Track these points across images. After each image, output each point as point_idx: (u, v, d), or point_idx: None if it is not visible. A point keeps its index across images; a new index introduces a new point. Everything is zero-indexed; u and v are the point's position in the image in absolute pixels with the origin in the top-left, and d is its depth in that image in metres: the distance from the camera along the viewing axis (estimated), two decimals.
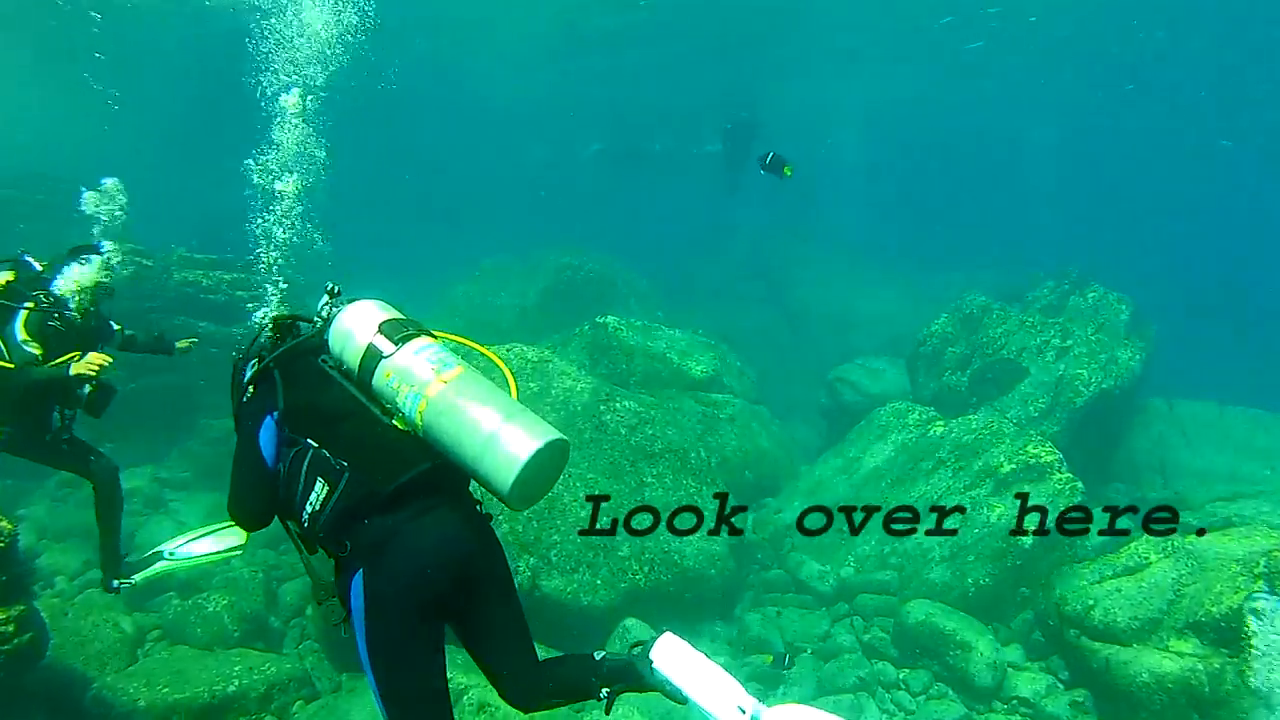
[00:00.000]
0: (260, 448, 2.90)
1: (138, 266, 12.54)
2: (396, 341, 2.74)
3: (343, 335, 2.87)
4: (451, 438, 2.57)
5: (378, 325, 2.81)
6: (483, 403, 2.57)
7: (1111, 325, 14.12)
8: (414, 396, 2.62)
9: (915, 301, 21.05)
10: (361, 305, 2.96)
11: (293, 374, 2.94)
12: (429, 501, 2.64)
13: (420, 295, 20.33)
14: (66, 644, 7.24)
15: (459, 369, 2.68)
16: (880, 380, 15.14)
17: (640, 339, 12.72)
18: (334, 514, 2.64)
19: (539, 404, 9.14)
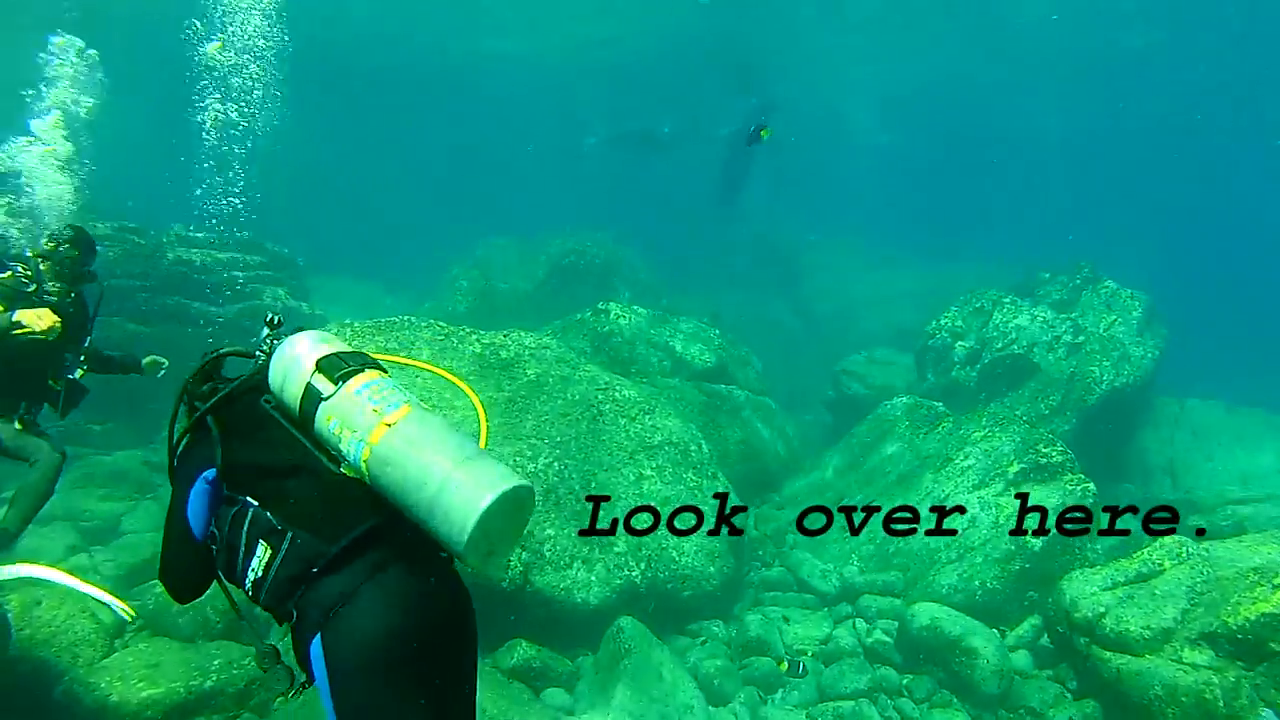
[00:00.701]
0: (188, 519, 2.63)
1: (129, 244, 12.29)
2: (335, 380, 2.43)
3: (280, 375, 2.56)
4: (398, 489, 2.27)
5: (315, 362, 2.49)
6: (431, 448, 2.25)
7: (1124, 322, 13.81)
8: (357, 444, 2.33)
9: (924, 293, 20.71)
10: (299, 340, 2.62)
11: (231, 422, 2.64)
12: (386, 556, 2.32)
13: (421, 280, 20.10)
14: (37, 635, 6.94)
15: (404, 409, 2.35)
16: (887, 373, 14.87)
17: (643, 327, 12.44)
18: (278, 581, 2.35)
19: (535, 392, 8.88)
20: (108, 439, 11.52)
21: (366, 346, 8.82)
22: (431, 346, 9.04)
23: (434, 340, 9.11)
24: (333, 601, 2.26)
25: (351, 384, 2.41)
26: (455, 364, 8.95)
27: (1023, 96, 30.55)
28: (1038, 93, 30.20)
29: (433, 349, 9.03)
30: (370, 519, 2.33)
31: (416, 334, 9.11)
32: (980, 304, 13.86)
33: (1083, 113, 32.22)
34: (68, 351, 5.90)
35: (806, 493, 11.06)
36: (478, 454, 2.28)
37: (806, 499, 10.90)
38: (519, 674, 7.14)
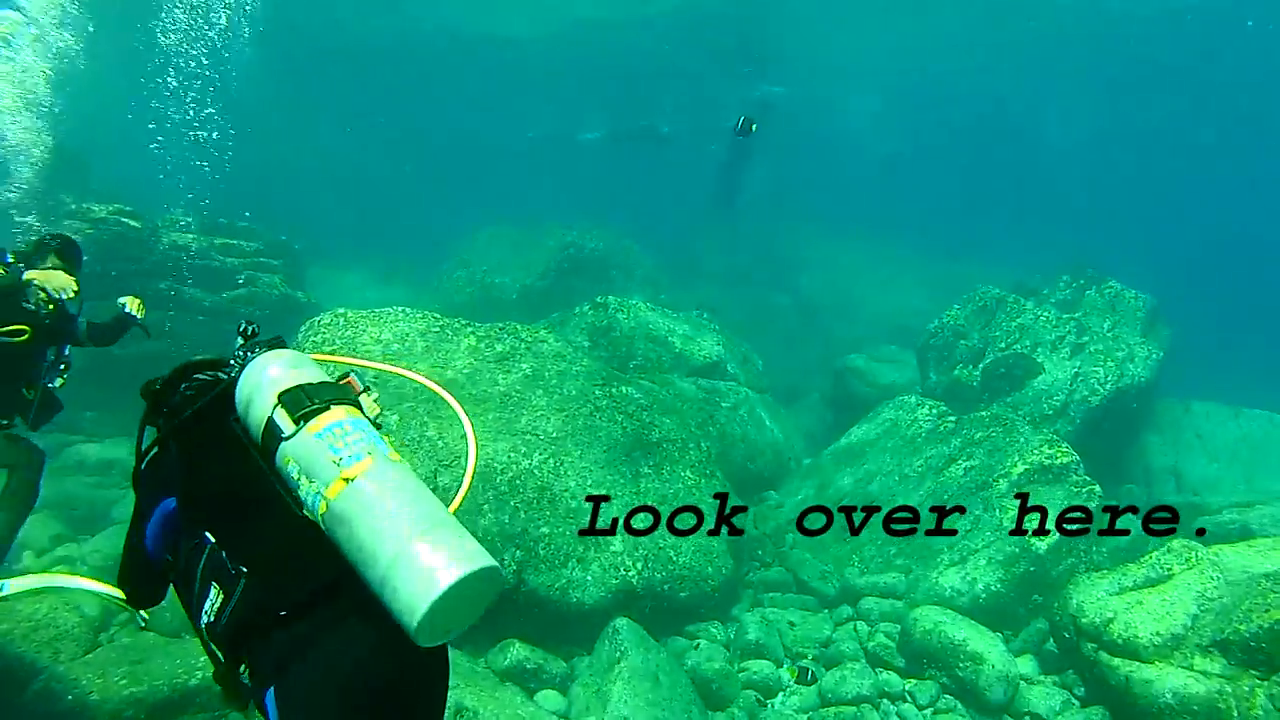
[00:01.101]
0: (147, 542, 2.51)
1: (124, 228, 12.08)
2: (296, 419, 2.22)
3: (245, 399, 2.38)
4: (352, 553, 2.07)
5: (277, 395, 2.29)
6: (390, 515, 2.04)
7: (1128, 322, 13.67)
8: (314, 496, 2.13)
9: (926, 291, 20.61)
10: (267, 363, 2.42)
11: (194, 444, 2.46)
12: (345, 607, 2.11)
13: (420, 269, 19.90)
14: (15, 630, 6.75)
15: (367, 462, 2.14)
16: (889, 371, 14.71)
17: (642, 321, 12.26)
18: (230, 626, 2.16)
19: (530, 387, 8.69)
20: (98, 425, 11.35)
21: (360, 336, 8.64)
22: (425, 338, 8.85)
23: (428, 332, 8.92)
24: (286, 654, 2.08)
25: (314, 425, 2.20)
26: (450, 357, 8.76)
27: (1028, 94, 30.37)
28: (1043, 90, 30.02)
29: (427, 341, 8.84)
30: (330, 571, 2.12)
31: (410, 324, 8.92)
32: (984, 302, 13.68)
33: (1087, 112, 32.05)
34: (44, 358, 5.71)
35: (806, 491, 10.89)
36: (441, 525, 2.05)
37: (806, 497, 10.74)
38: (512, 675, 6.97)
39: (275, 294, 12.88)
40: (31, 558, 9.06)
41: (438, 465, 7.46)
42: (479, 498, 7.40)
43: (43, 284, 5.39)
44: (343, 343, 8.47)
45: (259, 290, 12.79)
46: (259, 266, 13.19)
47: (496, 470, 7.63)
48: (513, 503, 7.55)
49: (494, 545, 7.22)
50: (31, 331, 5.36)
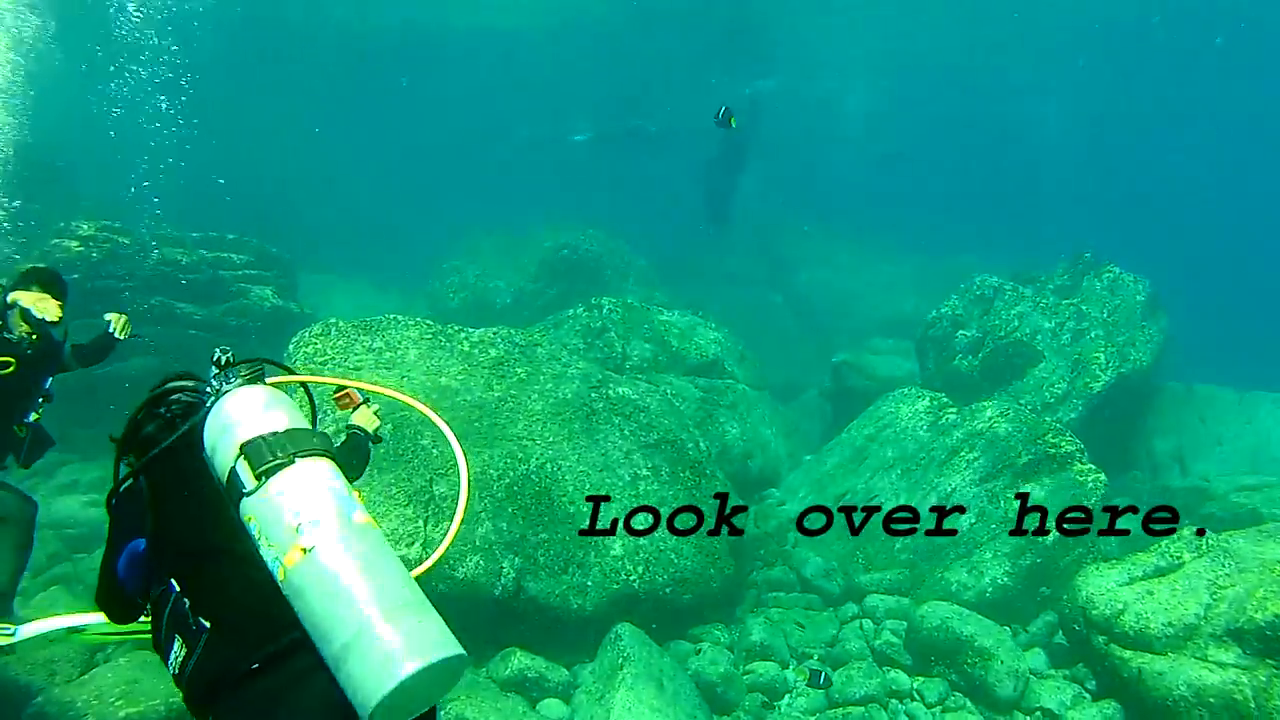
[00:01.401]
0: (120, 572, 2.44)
1: (113, 245, 11.99)
2: (258, 474, 2.09)
3: (212, 440, 2.27)
4: (309, 627, 1.96)
5: (240, 446, 2.16)
6: (347, 593, 1.91)
7: (1128, 307, 13.53)
8: (273, 560, 2.02)
9: (921, 283, 20.52)
10: (237, 403, 2.28)
11: (164, 485, 2.35)
12: (309, 664, 1.99)
13: (412, 277, 19.78)
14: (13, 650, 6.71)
15: (327, 529, 2.00)
16: (887, 364, 14.60)
17: (637, 322, 12.14)
18: (193, 681, 2.09)
19: (525, 391, 8.58)
20: (94, 444, 11.24)
21: (353, 347, 8.53)
22: (419, 346, 8.73)
23: (421, 339, 8.80)
24: (252, 712, 2.00)
25: (275, 482, 2.07)
26: (443, 364, 8.63)
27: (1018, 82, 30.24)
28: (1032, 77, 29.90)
29: (420, 348, 8.71)
30: (294, 630, 2.01)
31: (404, 333, 8.80)
32: (981, 291, 13.56)
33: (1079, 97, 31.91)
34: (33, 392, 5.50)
35: (808, 488, 10.77)
36: (402, 607, 1.93)
37: (808, 494, 10.63)
38: (514, 685, 6.86)
39: (267, 306, 12.75)
40: (28, 579, 8.93)
41: (433, 474, 7.35)
42: (476, 505, 7.28)
43: (27, 305, 5.19)
44: (335, 353, 8.35)
45: (251, 303, 12.67)
46: (250, 279, 13.06)
47: (493, 477, 7.52)
48: (510, 509, 7.44)
49: (492, 553, 7.11)
50: (16, 364, 5.18)
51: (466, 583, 6.89)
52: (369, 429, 3.66)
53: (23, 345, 5.24)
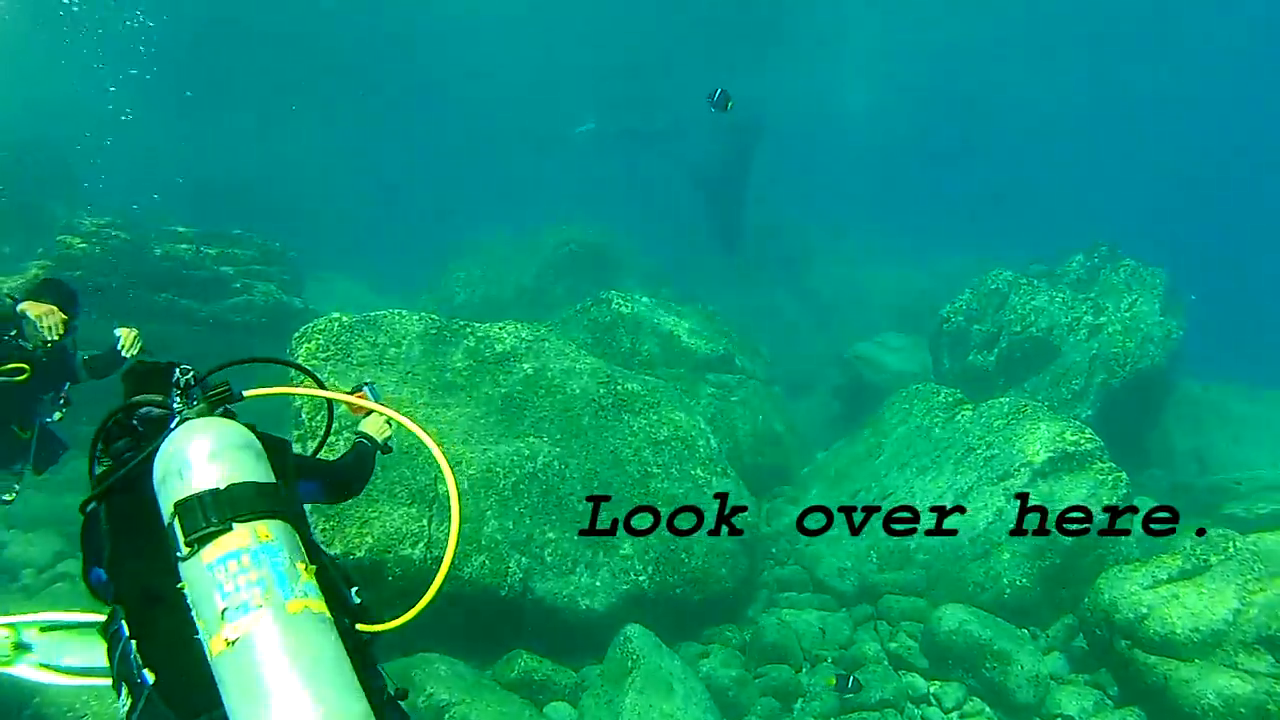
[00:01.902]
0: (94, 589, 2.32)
1: (116, 242, 11.86)
2: (189, 541, 1.92)
3: (158, 485, 2.11)
4: (229, 714, 1.82)
5: (174, 504, 1.99)
6: (268, 698, 1.77)
7: (1146, 301, 13.28)
8: (203, 636, 1.88)
9: (931, 277, 20.28)
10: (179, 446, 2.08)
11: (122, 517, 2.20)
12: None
13: (418, 274, 19.64)
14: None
15: (255, 617, 1.83)
16: (899, 359, 14.39)
17: (646, 316, 11.94)
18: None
19: (533, 387, 8.40)
20: None
21: (355, 342, 8.36)
22: (423, 341, 8.55)
23: (425, 335, 8.62)
24: None
25: (208, 553, 1.90)
26: (448, 359, 8.46)
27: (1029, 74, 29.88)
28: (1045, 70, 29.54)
29: (424, 343, 8.54)
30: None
31: (407, 327, 8.62)
32: (996, 285, 13.32)
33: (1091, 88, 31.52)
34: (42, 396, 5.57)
35: (820, 485, 10.59)
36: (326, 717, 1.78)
37: (820, 492, 10.44)
38: (520, 687, 6.70)
39: (271, 302, 12.60)
40: (32, 575, 8.85)
41: (438, 471, 7.17)
42: (482, 504, 7.11)
43: (34, 318, 5.20)
44: (337, 349, 8.18)
45: (255, 299, 12.52)
46: (254, 275, 12.91)
47: (499, 475, 7.34)
48: (517, 508, 7.27)
49: (498, 552, 6.94)
50: (31, 371, 5.26)
51: (472, 583, 6.72)
52: (378, 437, 3.43)
53: (38, 353, 5.31)
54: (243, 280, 12.68)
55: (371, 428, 3.43)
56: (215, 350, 11.99)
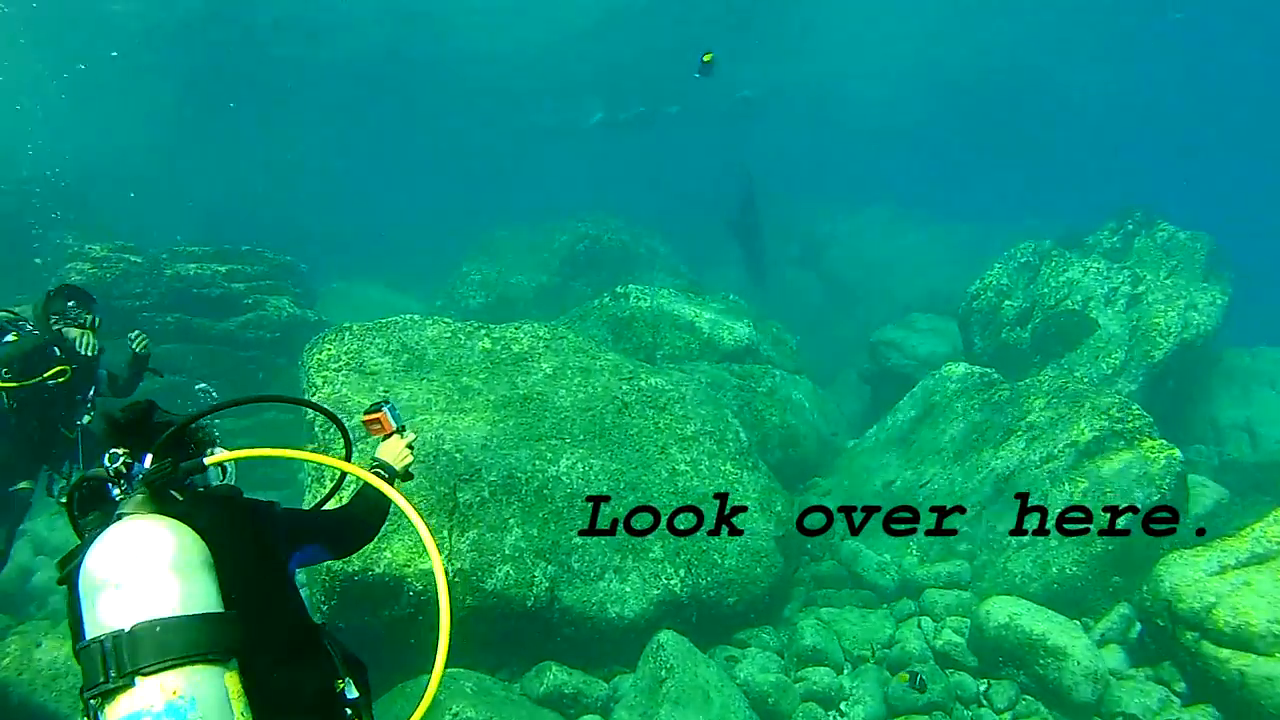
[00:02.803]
0: None
1: (126, 264, 11.79)
2: (87, 699, 1.66)
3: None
4: None
5: (76, 650, 1.75)
6: None
7: (1186, 267, 12.76)
8: None
9: (954, 255, 19.80)
10: (91, 566, 1.79)
11: (72, 608, 1.92)
12: None
13: (433, 277, 19.42)
14: (36, 679, 6.50)
15: None
16: (928, 341, 13.94)
17: (666, 309, 11.61)
18: None
19: (552, 387, 8.10)
20: None
21: (368, 350, 8.11)
22: (437, 345, 8.28)
23: (439, 339, 8.35)
24: None
25: (112, 712, 1.62)
26: (464, 362, 8.18)
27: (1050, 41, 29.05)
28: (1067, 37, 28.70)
29: (438, 348, 8.27)
30: None
31: (420, 333, 8.35)
32: (1026, 259, 12.86)
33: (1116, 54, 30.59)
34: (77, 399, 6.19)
35: (853, 477, 10.22)
36: None
37: (853, 484, 10.07)
38: (550, 701, 6.42)
39: (284, 315, 12.43)
40: (60, 601, 8.74)
41: (457, 480, 6.90)
42: (504, 512, 6.82)
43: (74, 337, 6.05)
44: (349, 358, 7.92)
45: (267, 313, 12.36)
46: (266, 289, 12.77)
47: (520, 480, 7.05)
48: (541, 514, 6.98)
49: (523, 561, 6.65)
50: (71, 371, 5.92)
51: (496, 595, 6.44)
52: (397, 464, 3.10)
53: (79, 355, 6.03)
54: (254, 296, 12.54)
55: (390, 453, 3.10)
56: (229, 369, 11.87)
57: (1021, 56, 30.42)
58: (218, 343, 12.01)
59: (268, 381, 12.02)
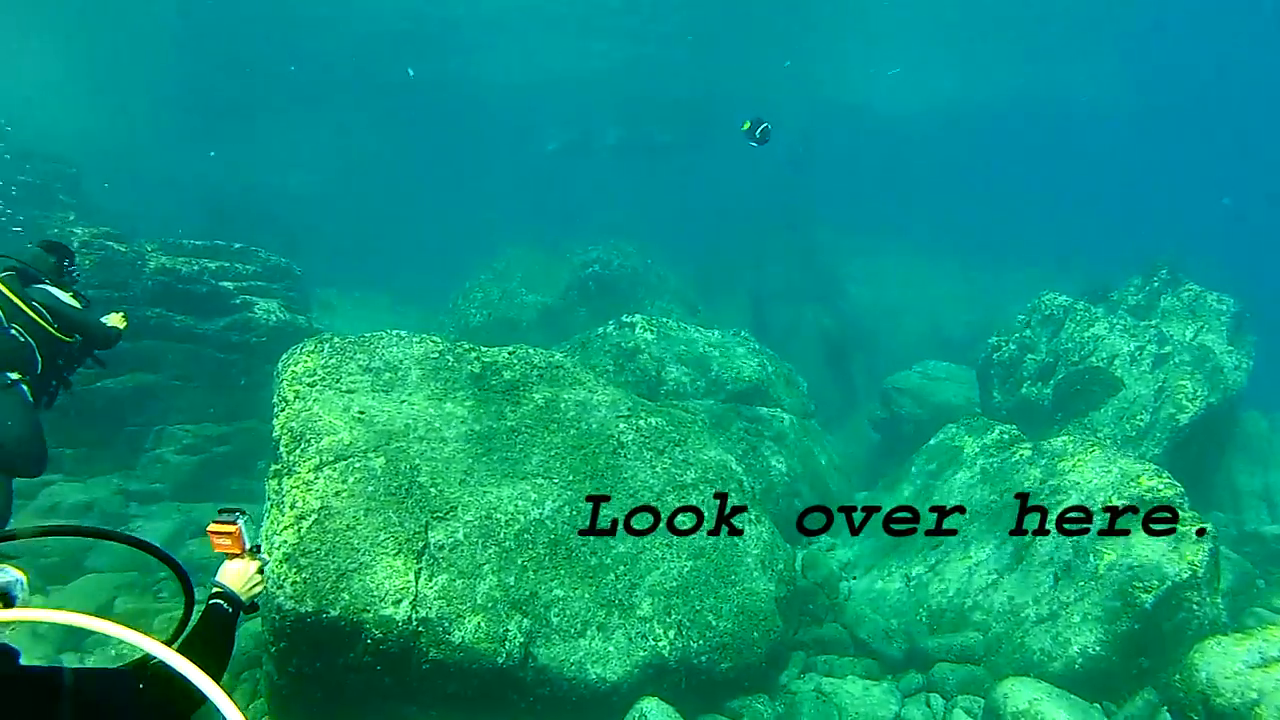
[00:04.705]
0: None
1: (109, 252, 11.20)
2: None
3: None
4: None
5: None
6: None
7: (1213, 329, 12.25)
8: None
9: (972, 301, 19.34)
10: None
11: None
12: None
13: (438, 291, 18.95)
14: None
15: None
16: (943, 390, 13.39)
17: (672, 341, 11.06)
18: None
19: (543, 420, 7.52)
20: (79, 464, 10.50)
21: (347, 366, 7.55)
22: (422, 366, 7.71)
23: (426, 358, 7.78)
24: None
25: None
26: (450, 386, 7.61)
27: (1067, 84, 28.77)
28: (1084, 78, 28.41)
29: (423, 368, 7.70)
30: None
31: (405, 350, 7.78)
32: (1050, 311, 12.33)
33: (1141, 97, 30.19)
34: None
35: (864, 533, 9.58)
36: None
37: (864, 538, 9.45)
38: None
39: (273, 320, 11.88)
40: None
41: (429, 518, 6.31)
42: (479, 556, 6.22)
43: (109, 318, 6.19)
44: (325, 373, 7.36)
45: (255, 316, 11.80)
46: (256, 290, 12.20)
47: (500, 522, 6.46)
48: (520, 560, 6.37)
49: (496, 612, 6.04)
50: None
51: (464, 649, 5.81)
52: (243, 593, 2.54)
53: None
54: (243, 296, 11.98)
55: (236, 578, 2.53)
56: (209, 371, 11.29)
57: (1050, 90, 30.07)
58: (200, 343, 11.42)
59: (250, 387, 11.44)
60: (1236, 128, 31.23)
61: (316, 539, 5.95)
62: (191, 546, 10.09)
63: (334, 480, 6.35)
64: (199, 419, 11.31)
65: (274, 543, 6.00)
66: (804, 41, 24.86)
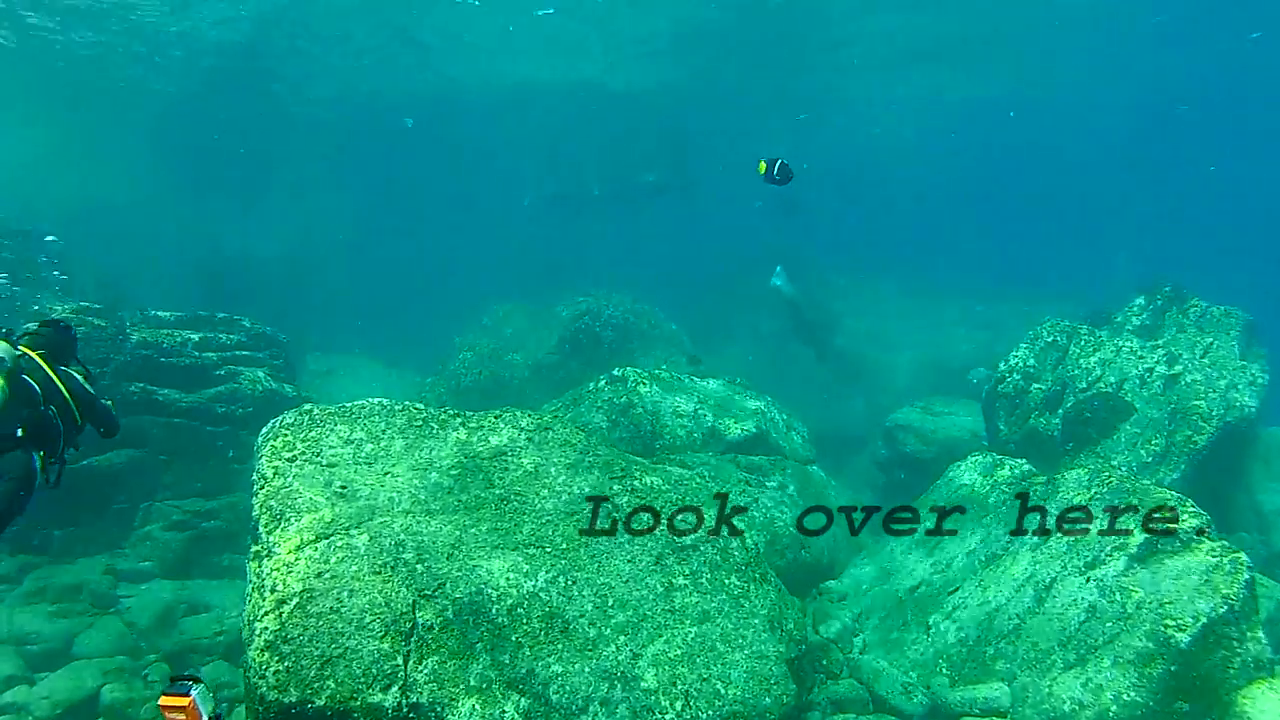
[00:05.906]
0: None
1: (89, 327, 11.03)
2: None
3: None
4: None
5: None
6: None
7: (1223, 344, 11.99)
8: None
9: (972, 335, 19.13)
10: None
11: None
12: None
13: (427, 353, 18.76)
14: None
15: None
16: (947, 426, 13.09)
17: (667, 394, 10.77)
18: None
19: (533, 486, 7.21)
20: (68, 546, 10.26)
21: (328, 438, 7.27)
22: (405, 435, 7.42)
23: (408, 427, 7.50)
24: None
25: None
26: (435, 455, 7.29)
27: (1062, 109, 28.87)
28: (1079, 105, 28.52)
29: (407, 437, 7.41)
30: None
31: (387, 420, 7.50)
32: (1053, 338, 12.05)
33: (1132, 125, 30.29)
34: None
35: (872, 579, 9.21)
36: None
37: (873, 587, 9.06)
38: None
39: (259, 390, 11.64)
40: None
41: (418, 595, 5.97)
42: (470, 635, 5.87)
43: None
44: (306, 446, 7.07)
45: (240, 386, 11.56)
46: (241, 360, 11.98)
47: (492, 598, 6.11)
48: (514, 637, 6.02)
49: (491, 693, 5.67)
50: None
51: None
52: None
53: None
54: (227, 367, 11.75)
55: None
56: (195, 446, 11.02)
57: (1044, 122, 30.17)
58: (186, 416, 11.16)
59: (239, 460, 11.13)
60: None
61: (299, 624, 5.62)
62: (183, 626, 9.78)
63: (316, 561, 6.03)
64: (187, 494, 11.02)
65: (255, 629, 5.69)
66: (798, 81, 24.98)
